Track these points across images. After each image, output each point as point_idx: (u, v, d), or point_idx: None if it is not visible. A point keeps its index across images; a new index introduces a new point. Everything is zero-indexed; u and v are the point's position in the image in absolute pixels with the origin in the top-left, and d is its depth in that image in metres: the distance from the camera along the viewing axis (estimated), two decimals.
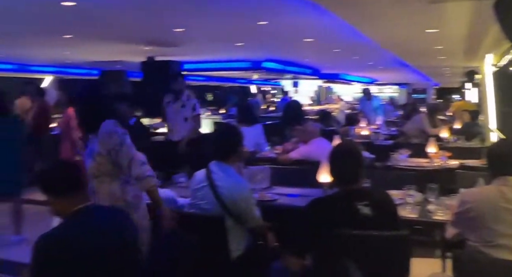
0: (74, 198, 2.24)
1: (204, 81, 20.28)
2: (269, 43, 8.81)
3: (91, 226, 2.19)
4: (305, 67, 15.70)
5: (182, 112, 6.12)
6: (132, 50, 9.11)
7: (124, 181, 2.95)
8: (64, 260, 2.08)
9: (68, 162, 2.36)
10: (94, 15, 5.67)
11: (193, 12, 5.55)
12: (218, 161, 3.25)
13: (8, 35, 7.19)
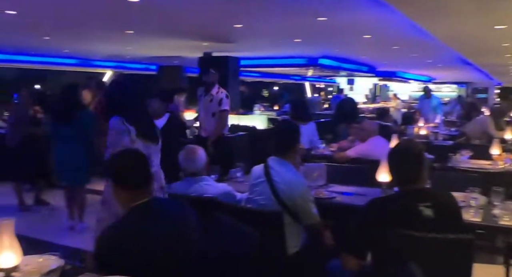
0: (139, 192, 2.28)
1: (259, 77, 20.37)
2: (327, 39, 8.73)
3: (151, 221, 2.23)
4: (361, 64, 15.46)
5: (210, 107, 5.77)
6: (190, 46, 9.26)
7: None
8: (123, 253, 2.13)
9: (142, 155, 2.39)
10: (157, 11, 5.80)
11: (254, 8, 5.58)
12: (276, 157, 3.26)
13: (74, 31, 7.48)
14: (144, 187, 2.30)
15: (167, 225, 2.23)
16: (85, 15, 6.06)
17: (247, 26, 6.87)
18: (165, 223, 2.23)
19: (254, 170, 3.37)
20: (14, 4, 5.35)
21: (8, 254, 1.92)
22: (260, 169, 3.28)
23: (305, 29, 7.25)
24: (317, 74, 20.08)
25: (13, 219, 1.98)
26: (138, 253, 2.14)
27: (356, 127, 5.75)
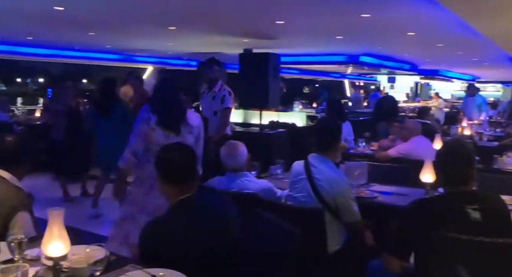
0: (184, 187, 2.30)
1: (298, 74, 20.30)
2: (369, 36, 8.61)
3: (194, 216, 2.25)
4: (403, 62, 15.18)
5: (213, 104, 5.40)
6: (231, 42, 9.31)
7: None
8: (165, 246, 2.17)
9: (190, 151, 2.41)
10: (200, 8, 5.84)
11: (296, 4, 5.55)
12: (317, 154, 3.25)
13: (117, 26, 7.62)
14: (189, 182, 2.33)
15: (209, 220, 2.25)
16: (130, 11, 6.17)
17: (289, 23, 6.84)
18: (207, 218, 2.26)
19: (294, 167, 3.37)
20: (61, 0, 5.49)
21: (57, 244, 1.98)
22: (300, 166, 3.27)
23: (348, 26, 7.16)
24: (356, 72, 19.84)
25: (62, 209, 2.03)
26: (180, 247, 2.17)
27: (397, 126, 5.66)
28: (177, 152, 2.40)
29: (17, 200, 2.72)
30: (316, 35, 8.34)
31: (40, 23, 7.29)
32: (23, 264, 2.00)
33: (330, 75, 21.79)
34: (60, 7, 5.81)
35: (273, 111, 9.11)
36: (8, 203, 2.66)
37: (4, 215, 2.63)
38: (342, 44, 9.81)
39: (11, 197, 2.70)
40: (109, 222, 5.79)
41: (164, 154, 2.41)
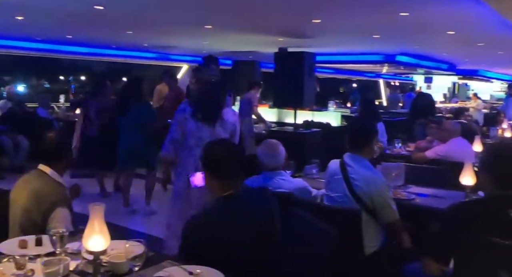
0: (229, 182, 2.32)
1: (332, 73, 20.14)
2: (407, 35, 8.47)
3: (236, 213, 2.26)
4: (441, 61, 14.87)
5: None
6: (266, 41, 9.31)
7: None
8: (206, 241, 2.19)
9: (237, 147, 2.43)
10: (237, 6, 5.86)
11: (334, 2, 5.50)
12: (352, 154, 3.22)
13: (155, 25, 7.72)
14: (234, 178, 2.34)
15: (252, 218, 2.26)
16: (168, 10, 6.24)
17: (325, 21, 6.79)
18: (250, 216, 2.27)
19: (330, 166, 3.34)
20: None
21: (98, 238, 2.01)
22: (336, 166, 3.25)
23: (386, 24, 7.06)
24: (392, 71, 19.55)
25: (103, 204, 2.07)
26: (221, 243, 2.18)
27: (435, 127, 5.55)
28: (225, 148, 2.42)
29: (57, 195, 2.79)
30: (352, 34, 8.26)
31: (80, 22, 7.46)
32: (64, 257, 2.05)
33: (364, 74, 21.55)
34: (100, 6, 5.93)
35: (307, 110, 9.06)
36: (49, 198, 2.73)
37: (45, 209, 2.71)
38: (378, 43, 9.68)
39: (51, 192, 2.78)
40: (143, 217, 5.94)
41: (212, 148, 2.43)
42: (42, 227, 2.67)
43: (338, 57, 13.11)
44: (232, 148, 2.44)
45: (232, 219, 2.23)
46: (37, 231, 2.59)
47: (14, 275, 2.00)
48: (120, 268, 2.08)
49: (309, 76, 7.65)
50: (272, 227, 2.31)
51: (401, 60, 12.76)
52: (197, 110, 3.70)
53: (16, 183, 2.90)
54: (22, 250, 2.30)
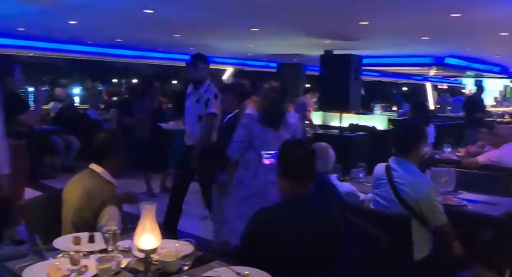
0: (298, 184, 2.33)
1: (377, 76, 19.86)
2: (457, 37, 8.24)
3: (300, 215, 2.27)
4: (492, 64, 14.42)
5: (196, 108, 4.81)
6: (312, 43, 9.26)
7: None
8: (268, 236, 2.23)
9: (311, 151, 2.44)
10: (283, 9, 5.86)
11: (382, 4, 5.42)
12: (397, 158, 3.16)
13: (202, 28, 7.82)
14: (305, 180, 2.36)
15: (316, 220, 2.28)
16: (214, 13, 6.31)
17: (373, 23, 6.69)
18: (315, 218, 2.28)
19: (376, 170, 3.29)
20: (151, 3, 5.71)
21: (149, 237, 2.05)
22: (381, 170, 3.20)
23: (435, 26, 6.89)
24: (440, 74, 19.07)
25: (154, 204, 2.11)
26: (283, 241, 2.21)
27: (486, 131, 5.38)
28: (301, 150, 2.42)
29: (107, 194, 2.85)
30: (400, 36, 8.11)
31: (130, 26, 7.65)
32: (117, 254, 2.10)
33: (411, 77, 21.11)
34: (150, 10, 6.06)
35: (353, 113, 8.96)
36: (100, 196, 2.80)
37: (96, 208, 2.78)
38: (427, 45, 9.47)
39: (102, 190, 2.85)
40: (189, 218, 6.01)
41: (287, 149, 2.45)
42: (94, 224, 2.75)
43: (384, 59, 12.89)
44: (307, 150, 2.43)
45: (298, 220, 2.25)
46: (88, 229, 2.67)
47: (69, 271, 2.06)
48: (170, 267, 2.11)
49: (355, 79, 7.56)
50: (335, 232, 2.31)
51: (450, 63, 12.42)
52: (264, 116, 3.94)
53: (68, 183, 2.98)
54: (75, 246, 2.37)
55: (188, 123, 4.94)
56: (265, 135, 3.89)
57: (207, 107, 4.73)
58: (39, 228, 2.69)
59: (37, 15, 6.39)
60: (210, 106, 4.73)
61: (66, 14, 6.51)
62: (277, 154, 2.46)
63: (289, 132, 3.96)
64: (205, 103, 4.73)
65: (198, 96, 4.80)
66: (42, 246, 2.28)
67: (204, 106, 4.73)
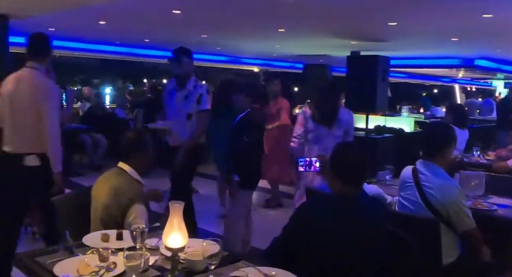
0: (349, 186, 2.32)
1: (404, 78, 19.64)
2: (488, 38, 8.08)
3: (350, 217, 2.27)
4: None
5: (185, 105, 4.52)
6: (338, 45, 9.21)
7: None
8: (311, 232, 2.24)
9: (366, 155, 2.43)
10: (310, 9, 5.84)
11: (412, 5, 5.35)
12: (425, 160, 3.11)
13: (229, 29, 7.86)
14: (355, 183, 2.35)
15: (364, 224, 2.28)
16: (242, 13, 6.32)
17: (402, 24, 6.61)
18: (362, 222, 2.29)
19: (403, 173, 3.25)
20: (179, 4, 5.76)
21: (177, 235, 2.06)
22: (408, 173, 3.15)
23: (466, 27, 6.77)
24: (468, 76, 18.73)
25: (182, 202, 2.12)
26: (326, 240, 2.22)
27: None
28: (356, 153, 2.41)
29: (135, 192, 2.89)
30: (429, 37, 8.00)
31: (157, 26, 7.73)
32: (145, 252, 2.12)
33: (439, 79, 20.80)
34: (178, 10, 6.11)
35: (379, 115, 8.86)
36: (127, 194, 2.84)
37: (124, 205, 2.82)
38: (456, 47, 9.31)
39: (130, 189, 2.88)
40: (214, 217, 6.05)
41: (343, 151, 2.45)
42: (121, 222, 2.78)
43: (412, 61, 12.74)
44: (362, 154, 2.41)
45: (344, 220, 2.26)
46: (116, 226, 2.70)
47: (98, 267, 2.09)
48: (196, 266, 2.13)
49: (382, 80, 7.48)
50: (378, 240, 2.31)
51: (480, 65, 12.20)
52: (315, 114, 4.17)
53: (97, 181, 3.03)
54: (104, 243, 2.41)
55: (174, 121, 4.61)
56: (318, 132, 4.14)
57: (200, 104, 4.47)
58: (68, 225, 2.73)
59: (67, 16, 6.51)
60: (204, 103, 4.48)
61: (95, 14, 6.61)
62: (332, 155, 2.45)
63: (341, 129, 4.17)
64: (197, 100, 4.46)
65: (186, 93, 4.53)
66: (72, 243, 2.32)
67: (196, 103, 4.46)
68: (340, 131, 4.16)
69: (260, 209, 6.74)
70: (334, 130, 4.13)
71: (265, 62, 15.25)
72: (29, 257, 2.25)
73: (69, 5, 5.02)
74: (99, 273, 2.05)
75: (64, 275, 2.02)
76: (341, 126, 4.16)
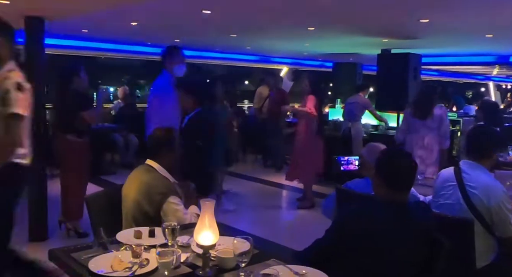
0: (396, 193, 2.31)
1: (436, 76, 19.29)
2: None
3: (398, 223, 2.26)
4: None
5: None
6: (369, 42, 9.10)
7: None
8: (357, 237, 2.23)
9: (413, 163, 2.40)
10: (341, 7, 5.79)
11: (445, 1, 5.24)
12: (469, 161, 3.04)
13: (259, 28, 7.85)
14: (403, 190, 2.33)
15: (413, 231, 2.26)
16: (272, 13, 6.31)
17: (434, 21, 6.48)
18: (411, 229, 2.27)
19: (441, 174, 3.19)
20: (210, 4, 5.79)
21: (208, 233, 2.09)
22: (449, 173, 3.09)
23: (502, 23, 6.59)
24: (504, 74, 18.28)
25: (213, 200, 2.14)
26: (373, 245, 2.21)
27: None
28: (405, 160, 2.38)
29: (165, 187, 2.94)
30: (462, 34, 7.81)
31: (187, 26, 7.78)
32: (177, 249, 2.15)
33: (472, 77, 20.35)
34: (208, 10, 6.14)
35: None
36: (158, 189, 2.89)
37: (156, 201, 2.86)
38: (490, 43, 9.07)
39: (159, 184, 2.94)
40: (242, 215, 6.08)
41: (389, 158, 2.43)
42: (154, 218, 2.83)
43: (444, 58, 12.49)
44: (411, 162, 2.38)
45: (390, 227, 2.24)
46: (149, 222, 2.75)
47: (131, 263, 2.13)
48: (227, 263, 2.14)
49: (414, 78, 7.38)
50: (428, 248, 2.29)
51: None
52: (414, 109, 5.39)
53: (127, 179, 3.09)
54: (137, 240, 2.45)
55: None
56: (414, 124, 5.37)
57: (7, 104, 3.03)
58: (100, 222, 2.79)
59: (99, 18, 6.63)
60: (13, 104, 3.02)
61: (127, 16, 6.71)
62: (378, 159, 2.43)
63: (435, 122, 5.27)
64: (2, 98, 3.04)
65: None
66: (106, 239, 2.36)
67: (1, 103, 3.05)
68: (434, 124, 5.29)
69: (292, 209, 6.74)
70: (429, 123, 5.28)
71: (295, 61, 15.20)
72: (65, 253, 2.31)
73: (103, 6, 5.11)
74: (132, 269, 2.08)
75: (98, 270, 2.06)
76: (435, 119, 5.27)
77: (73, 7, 5.15)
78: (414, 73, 7.37)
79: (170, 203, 2.85)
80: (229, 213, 6.04)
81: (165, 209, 2.84)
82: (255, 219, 6.19)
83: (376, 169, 2.39)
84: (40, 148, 5.20)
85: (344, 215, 2.39)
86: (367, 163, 3.37)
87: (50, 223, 5.24)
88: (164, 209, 2.84)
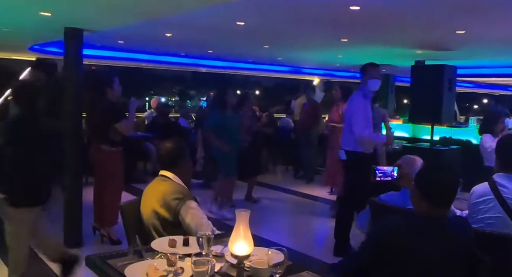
0: (435, 208, 2.27)
1: (471, 88, 18.95)
2: None
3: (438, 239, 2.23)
4: None
5: None
6: (403, 54, 9.01)
7: None
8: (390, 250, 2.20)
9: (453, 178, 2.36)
10: (375, 19, 5.76)
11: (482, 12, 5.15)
12: (504, 173, 2.97)
13: (291, 39, 7.87)
14: (443, 206, 2.29)
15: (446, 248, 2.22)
16: (304, 24, 6.32)
17: (470, 32, 6.37)
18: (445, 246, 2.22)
19: (477, 189, 3.10)
20: (244, 15, 5.84)
21: (243, 243, 2.09)
22: (484, 188, 3.02)
23: None
24: None
25: (248, 211, 2.15)
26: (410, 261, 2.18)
27: None
28: (444, 175, 2.33)
29: (180, 191, 2.98)
30: (499, 45, 7.65)
31: (221, 37, 7.86)
32: (211, 258, 2.16)
33: (509, 89, 19.89)
34: (242, 22, 6.20)
35: (445, 126, 8.58)
36: (174, 195, 2.94)
37: (173, 207, 2.90)
38: None
39: (175, 191, 2.98)
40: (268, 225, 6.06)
41: (432, 174, 2.37)
42: (173, 223, 2.87)
43: (479, 70, 12.25)
44: (453, 177, 2.34)
45: (430, 243, 2.20)
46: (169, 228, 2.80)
47: (166, 271, 2.15)
48: (261, 274, 2.14)
49: (449, 90, 7.25)
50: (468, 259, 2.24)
51: None
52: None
53: (143, 193, 3.16)
54: (171, 248, 2.47)
55: None
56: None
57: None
58: (135, 230, 2.84)
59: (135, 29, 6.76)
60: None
61: (162, 27, 6.83)
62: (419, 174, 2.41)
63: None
64: None
65: None
66: (141, 247, 2.40)
67: None
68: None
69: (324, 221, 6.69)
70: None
71: (326, 72, 15.16)
72: (102, 259, 2.35)
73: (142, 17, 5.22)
74: None
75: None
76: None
77: (112, 19, 5.27)
78: (449, 85, 7.24)
79: (187, 207, 2.89)
80: (256, 223, 6.02)
81: (183, 213, 2.88)
82: (287, 231, 6.17)
83: (416, 183, 2.35)
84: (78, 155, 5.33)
85: (382, 228, 2.34)
86: (407, 175, 3.34)
87: (85, 229, 5.34)
88: (182, 214, 2.88)
